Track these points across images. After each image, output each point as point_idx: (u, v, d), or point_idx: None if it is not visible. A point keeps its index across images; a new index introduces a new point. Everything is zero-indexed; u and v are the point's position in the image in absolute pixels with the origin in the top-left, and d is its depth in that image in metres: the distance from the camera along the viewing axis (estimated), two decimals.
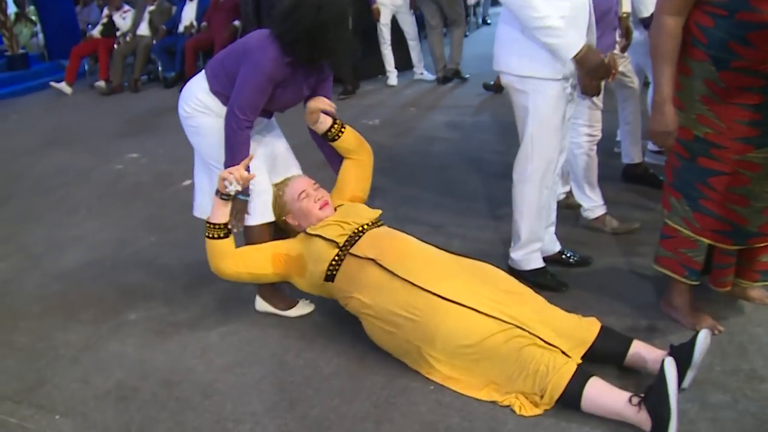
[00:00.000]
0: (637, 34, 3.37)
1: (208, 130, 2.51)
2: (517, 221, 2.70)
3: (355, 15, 6.71)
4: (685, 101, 2.14)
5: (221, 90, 2.46)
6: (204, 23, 8.08)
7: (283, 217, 2.61)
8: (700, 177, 2.18)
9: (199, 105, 2.48)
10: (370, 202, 3.89)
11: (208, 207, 2.47)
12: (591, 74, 2.34)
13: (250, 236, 2.58)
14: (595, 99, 3.02)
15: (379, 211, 2.60)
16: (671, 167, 2.28)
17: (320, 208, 2.54)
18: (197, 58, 8.02)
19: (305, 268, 2.45)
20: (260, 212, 2.55)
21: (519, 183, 2.63)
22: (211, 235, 2.38)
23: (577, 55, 2.27)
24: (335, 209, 2.59)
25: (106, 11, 8.84)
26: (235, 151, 2.39)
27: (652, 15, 3.23)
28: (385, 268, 2.26)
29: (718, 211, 2.18)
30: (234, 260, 2.42)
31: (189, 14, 8.26)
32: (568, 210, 3.36)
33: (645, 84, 3.93)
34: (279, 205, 2.60)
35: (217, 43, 7.68)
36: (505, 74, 2.51)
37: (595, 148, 3.18)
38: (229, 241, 2.41)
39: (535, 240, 2.72)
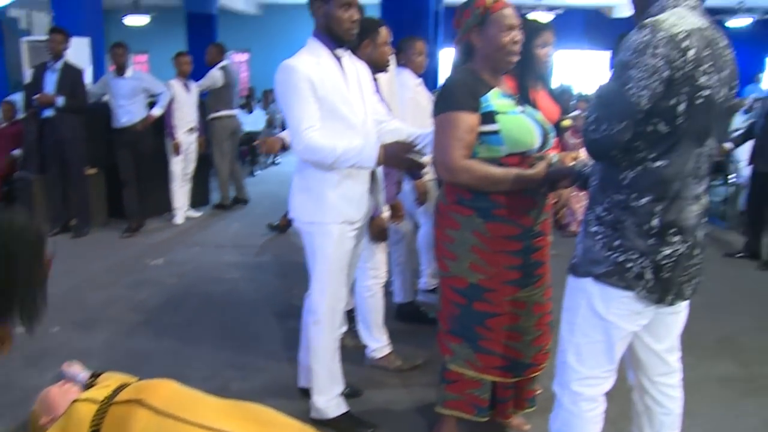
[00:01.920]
0: (405, 183, 3.76)
1: None
2: (314, 366, 2.71)
3: (141, 150, 6.58)
4: (457, 252, 2.36)
5: None
6: None
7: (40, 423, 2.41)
8: (478, 320, 2.38)
9: None
10: (146, 344, 3.80)
11: None
12: (401, 164, 2.42)
13: None
14: (382, 244, 3.27)
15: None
16: (448, 315, 2.45)
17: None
18: None
19: None
20: None
21: (313, 325, 2.69)
22: None
23: (378, 158, 2.36)
24: None
25: None
26: None
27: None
28: (153, 408, 2.26)
29: (498, 349, 2.40)
30: None
31: None
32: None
33: (415, 226, 4.34)
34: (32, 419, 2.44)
35: None
36: (296, 220, 2.68)
37: (382, 290, 3.37)
38: None
39: (335, 383, 2.75)
